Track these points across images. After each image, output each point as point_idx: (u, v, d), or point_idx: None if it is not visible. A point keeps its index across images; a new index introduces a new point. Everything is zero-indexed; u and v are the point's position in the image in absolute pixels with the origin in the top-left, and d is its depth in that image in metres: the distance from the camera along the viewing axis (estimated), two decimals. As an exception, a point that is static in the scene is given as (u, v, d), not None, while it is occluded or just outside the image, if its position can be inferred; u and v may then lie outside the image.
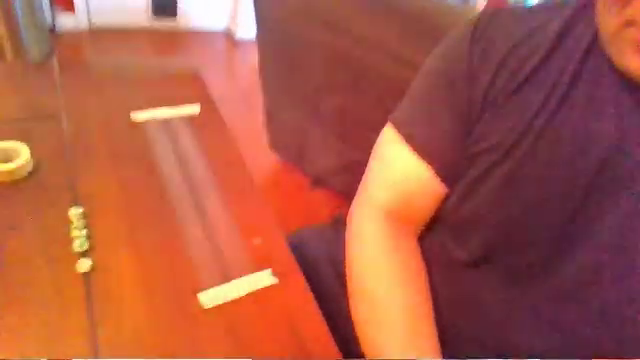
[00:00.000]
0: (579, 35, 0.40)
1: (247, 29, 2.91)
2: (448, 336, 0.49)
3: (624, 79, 0.37)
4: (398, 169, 0.50)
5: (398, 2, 1.02)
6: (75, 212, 0.54)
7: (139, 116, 0.75)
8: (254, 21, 1.46)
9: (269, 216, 0.62)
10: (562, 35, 0.40)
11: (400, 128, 0.50)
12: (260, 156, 1.94)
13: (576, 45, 0.40)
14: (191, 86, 0.87)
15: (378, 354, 0.45)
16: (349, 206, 0.56)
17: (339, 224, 0.63)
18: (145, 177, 0.64)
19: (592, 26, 0.39)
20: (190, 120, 0.77)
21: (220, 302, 0.48)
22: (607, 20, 0.35)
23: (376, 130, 0.54)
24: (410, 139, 0.48)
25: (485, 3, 2.36)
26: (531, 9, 0.44)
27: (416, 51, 1.00)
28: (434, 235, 0.54)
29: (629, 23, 0.32)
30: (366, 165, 0.55)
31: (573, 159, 0.39)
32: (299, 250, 0.59)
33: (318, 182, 1.84)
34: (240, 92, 2.51)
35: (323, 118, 1.48)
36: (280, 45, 1.34)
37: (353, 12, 1.04)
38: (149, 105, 0.78)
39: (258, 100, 1.91)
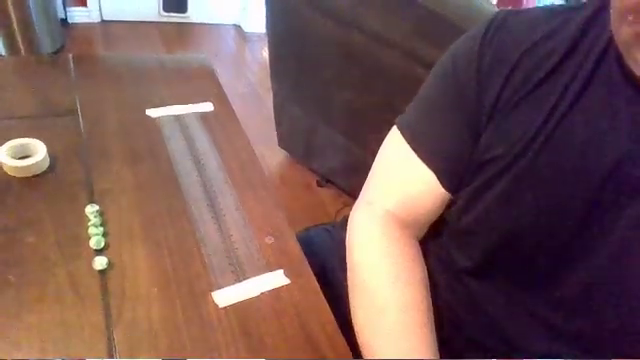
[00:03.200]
0: (594, 39, 0.39)
1: (257, 23, 2.90)
2: (449, 338, 0.48)
3: (637, 87, 0.36)
4: (402, 173, 0.49)
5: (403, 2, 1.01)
6: (91, 210, 0.54)
7: (154, 112, 0.75)
8: (264, 15, 1.45)
9: (281, 215, 0.62)
10: (577, 39, 0.39)
11: (406, 132, 0.49)
12: (268, 152, 1.95)
13: (590, 50, 0.39)
14: (205, 82, 0.88)
15: (375, 356, 0.45)
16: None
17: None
18: (160, 175, 0.64)
19: (607, 30, 0.38)
20: (204, 117, 0.77)
21: (234, 302, 0.49)
22: (622, 29, 0.34)
23: (384, 130, 0.54)
24: (416, 143, 0.48)
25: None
26: (546, 11, 0.43)
27: (429, 49, 0.99)
28: (438, 242, 0.53)
29: None
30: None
31: (580, 168, 0.38)
32: (309, 249, 0.60)
33: (325, 180, 1.84)
34: (250, 87, 2.50)
35: (332, 115, 1.47)
36: (291, 38, 1.33)
37: (367, 8, 1.03)
38: (163, 101, 0.78)
39: (268, 96, 1.91)
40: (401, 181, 0.50)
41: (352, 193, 1.61)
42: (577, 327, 0.42)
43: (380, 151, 0.53)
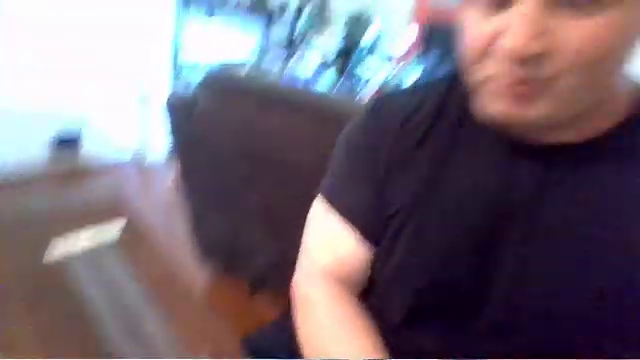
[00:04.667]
0: (453, 105, 0.49)
1: (157, 153, 2.92)
2: None
3: (496, 135, 0.44)
4: (329, 235, 0.53)
5: (299, 99, 1.13)
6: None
7: (56, 253, 0.69)
8: (165, 143, 1.49)
9: (216, 327, 0.59)
10: (440, 107, 0.49)
11: (326, 197, 0.55)
12: (190, 270, 1.84)
13: (452, 113, 0.49)
14: (108, 213, 0.85)
15: None
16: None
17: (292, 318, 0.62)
18: (67, 320, 0.57)
19: (463, 96, 0.47)
20: (115, 247, 0.73)
21: None
22: (471, 76, 0.42)
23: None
24: (335, 206, 0.53)
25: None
26: (413, 89, 0.55)
27: (326, 140, 1.09)
28: (369, 298, 0.55)
29: (487, 78, 0.39)
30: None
31: (467, 212, 0.45)
32: (260, 351, 0.57)
33: (257, 285, 1.77)
34: (159, 214, 2.43)
35: (252, 218, 1.48)
36: (200, 154, 1.37)
37: (260, 114, 1.13)
38: (66, 239, 0.73)
39: (179, 219, 1.87)
40: (329, 241, 0.53)
41: (286, 291, 1.56)
42: (512, 350, 0.44)
43: (308, 219, 0.58)
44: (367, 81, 2.85)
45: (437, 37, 4.70)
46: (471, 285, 0.45)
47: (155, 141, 2.85)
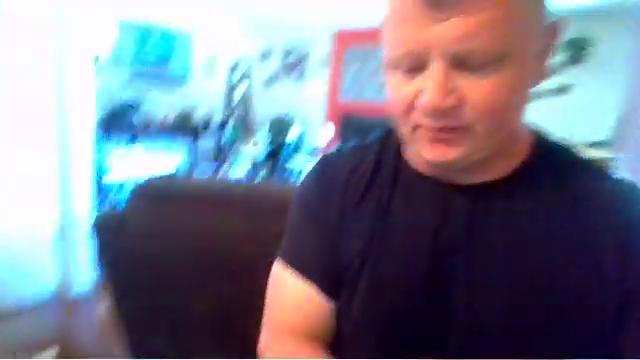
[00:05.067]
0: (388, 159, 0.55)
1: (82, 285, 2.66)
2: None
3: (429, 181, 0.50)
4: (290, 292, 0.54)
5: (235, 193, 1.14)
6: None
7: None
8: (91, 272, 1.37)
9: None
10: (377, 162, 0.55)
11: (284, 257, 0.57)
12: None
13: (389, 166, 0.54)
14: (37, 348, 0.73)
15: None
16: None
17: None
18: None
19: (396, 151, 0.54)
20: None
21: None
22: (401, 130, 0.49)
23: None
24: (293, 264, 0.55)
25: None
26: (352, 149, 0.60)
27: (266, 229, 1.08)
28: (340, 340, 0.55)
29: (416, 127, 0.45)
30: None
31: (413, 255, 0.49)
32: None
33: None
34: (90, 346, 2.12)
35: (198, 331, 1.35)
36: (135, 272, 1.27)
37: (199, 214, 1.10)
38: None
39: (114, 349, 1.64)
40: (292, 299, 0.54)
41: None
42: None
43: (269, 284, 0.58)
44: (299, 172, 2.99)
45: (352, 126, 5.18)
46: (432, 322, 0.48)
47: (79, 272, 2.61)
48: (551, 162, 0.48)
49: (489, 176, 0.48)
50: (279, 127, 5.90)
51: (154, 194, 1.13)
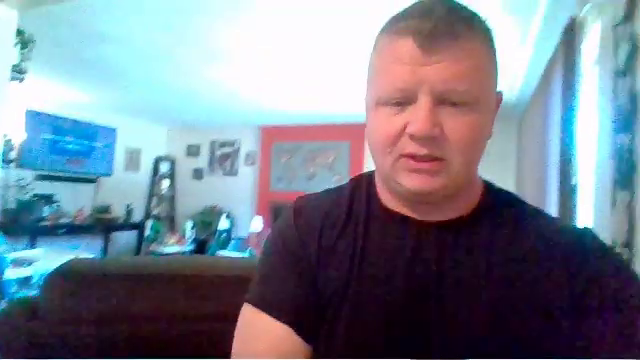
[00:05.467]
0: (360, 202, 0.58)
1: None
2: None
3: (400, 219, 0.54)
4: (265, 335, 0.52)
5: (153, 270, 1.06)
6: None
7: None
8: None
9: None
10: (350, 205, 0.58)
11: (257, 301, 0.54)
12: None
13: (361, 205, 0.58)
14: None
15: None
16: None
17: None
18: None
19: (367, 194, 0.58)
20: None
21: None
22: (384, 161, 0.52)
23: None
24: (268, 307, 0.53)
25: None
26: (326, 192, 0.63)
27: (189, 308, 1.01)
28: None
29: (400, 156, 0.50)
30: None
31: (390, 283, 0.51)
32: None
33: None
34: None
35: None
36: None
37: (129, 298, 0.99)
38: None
39: None
40: (266, 343, 0.51)
41: None
42: None
43: (237, 332, 0.55)
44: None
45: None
46: (411, 345, 0.49)
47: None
48: (502, 203, 0.56)
49: (453, 214, 0.54)
50: (207, 220, 5.73)
51: (75, 276, 1.02)
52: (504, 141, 4.24)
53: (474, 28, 0.47)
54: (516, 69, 3.01)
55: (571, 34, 1.87)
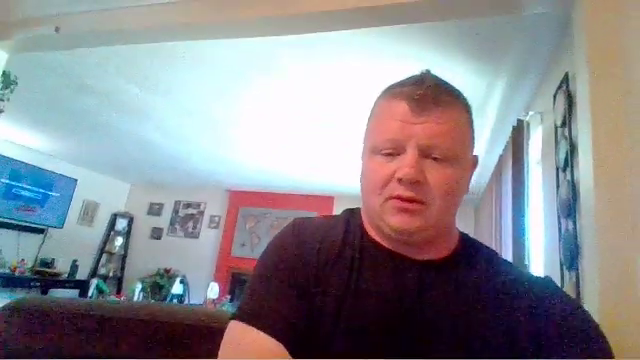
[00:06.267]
0: (355, 231, 0.63)
1: None
2: None
3: (387, 256, 0.59)
4: (255, 353, 0.52)
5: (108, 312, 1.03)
6: None
7: None
8: None
9: None
10: (344, 236, 0.63)
11: (247, 317, 0.54)
12: None
13: (355, 237, 0.63)
14: None
15: None
16: None
17: None
18: None
19: (360, 227, 0.64)
20: None
21: None
22: (374, 201, 0.59)
23: None
24: (260, 322, 0.53)
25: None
26: (323, 218, 0.67)
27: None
28: None
29: (389, 198, 0.57)
30: None
31: (378, 311, 0.56)
32: None
33: None
34: None
35: None
36: None
37: (81, 339, 0.94)
38: None
39: None
40: (257, 358, 0.52)
41: None
42: None
43: (223, 347, 0.55)
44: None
45: (241, 282, 5.02)
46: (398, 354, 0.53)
47: None
48: (476, 251, 0.64)
49: (432, 255, 0.60)
50: (159, 283, 5.42)
51: (30, 311, 0.98)
52: (462, 224, 4.43)
53: (456, 99, 0.59)
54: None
55: (519, 133, 2.14)
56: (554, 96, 1.57)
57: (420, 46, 1.88)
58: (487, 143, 2.92)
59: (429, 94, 0.56)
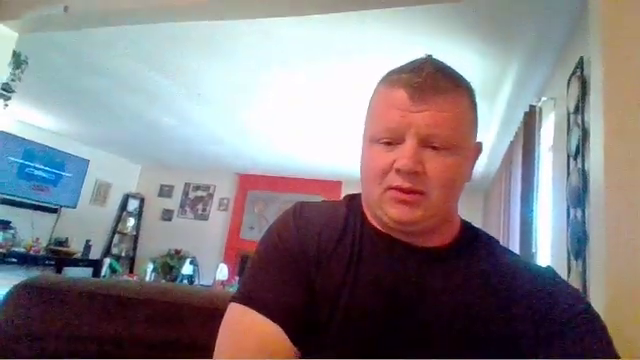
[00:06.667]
0: (356, 218, 0.63)
1: None
2: None
3: (388, 243, 0.59)
4: (254, 333, 0.52)
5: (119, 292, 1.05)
6: None
7: None
8: None
9: None
10: (346, 219, 0.63)
11: (248, 300, 0.54)
12: None
13: (356, 224, 0.62)
14: None
15: None
16: None
17: None
18: None
19: (360, 214, 0.63)
20: None
21: None
22: (373, 191, 0.58)
23: None
24: (259, 305, 0.53)
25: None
26: (324, 203, 0.67)
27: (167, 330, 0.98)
28: None
29: (387, 188, 0.56)
30: None
31: (377, 299, 0.55)
32: None
33: None
34: None
35: None
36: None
37: (95, 318, 0.97)
38: None
39: None
40: (255, 342, 0.52)
41: None
42: None
43: (222, 329, 0.54)
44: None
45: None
46: (395, 343, 0.54)
47: None
48: (477, 239, 0.63)
49: (433, 243, 0.60)
50: (169, 263, 5.52)
51: (41, 288, 1.00)
52: (471, 211, 4.45)
53: (457, 85, 0.57)
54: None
55: (531, 120, 2.09)
56: (568, 81, 1.52)
57: (431, 31, 1.84)
58: (498, 129, 2.87)
59: (428, 82, 0.54)
